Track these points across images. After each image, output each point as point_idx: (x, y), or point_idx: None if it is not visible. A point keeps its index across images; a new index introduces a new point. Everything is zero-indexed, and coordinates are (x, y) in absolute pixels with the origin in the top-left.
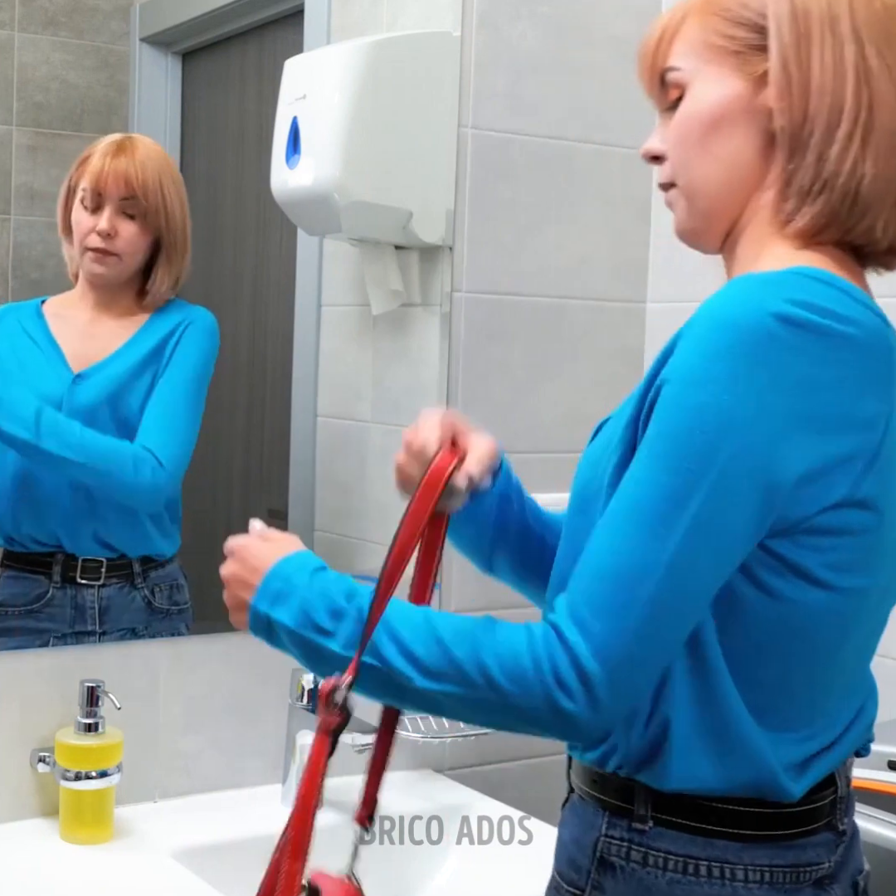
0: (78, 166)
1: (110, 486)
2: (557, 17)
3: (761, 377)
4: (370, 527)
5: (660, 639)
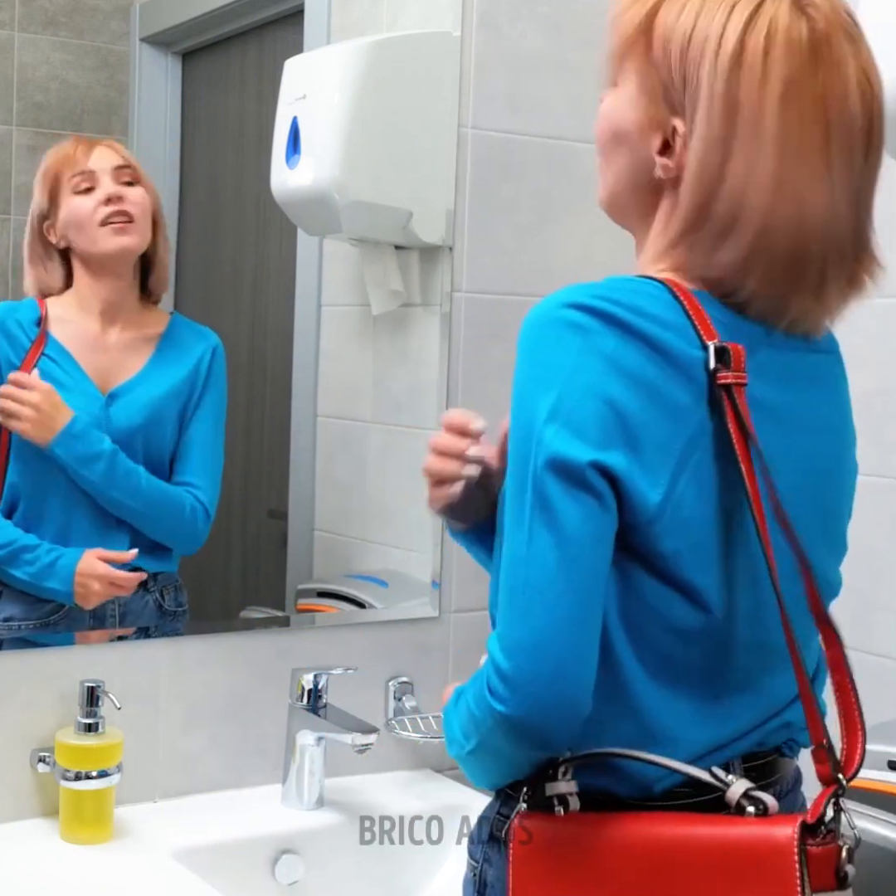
0: (48, 178)
1: (164, 533)
2: (557, 16)
3: (543, 352)
4: (370, 527)
5: (548, 617)
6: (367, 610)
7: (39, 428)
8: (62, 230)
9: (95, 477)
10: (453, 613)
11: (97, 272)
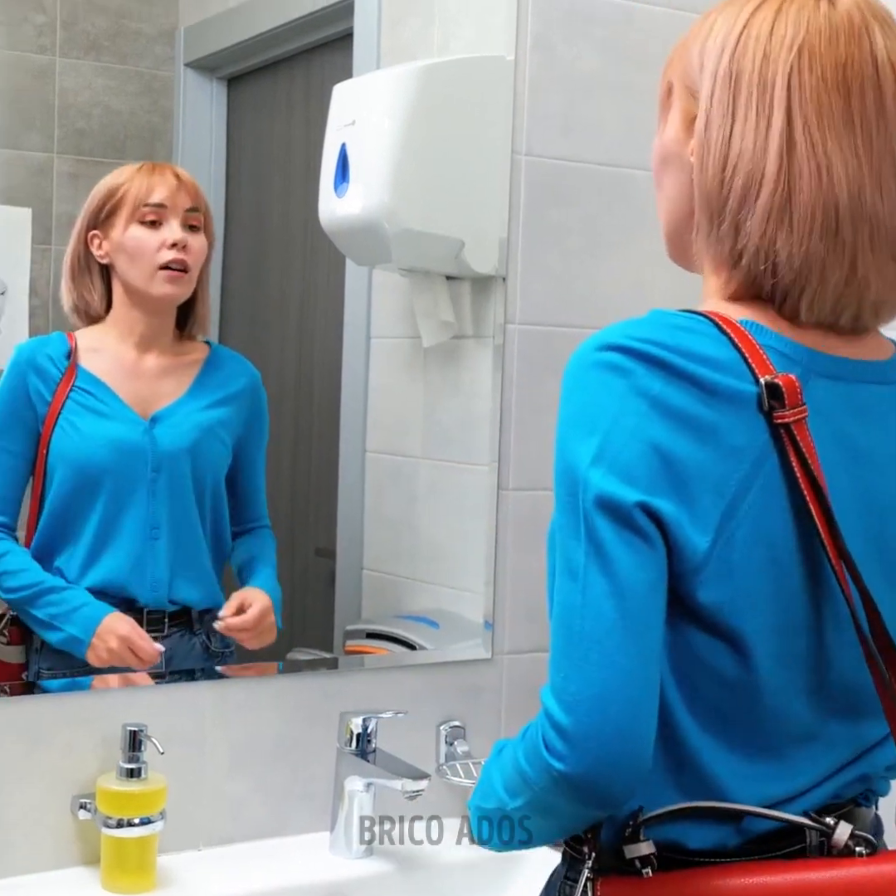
0: (108, 195)
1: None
2: (613, 38)
3: (585, 396)
4: (421, 565)
5: (608, 669)
6: (418, 651)
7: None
8: (111, 250)
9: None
10: (506, 655)
11: (137, 304)
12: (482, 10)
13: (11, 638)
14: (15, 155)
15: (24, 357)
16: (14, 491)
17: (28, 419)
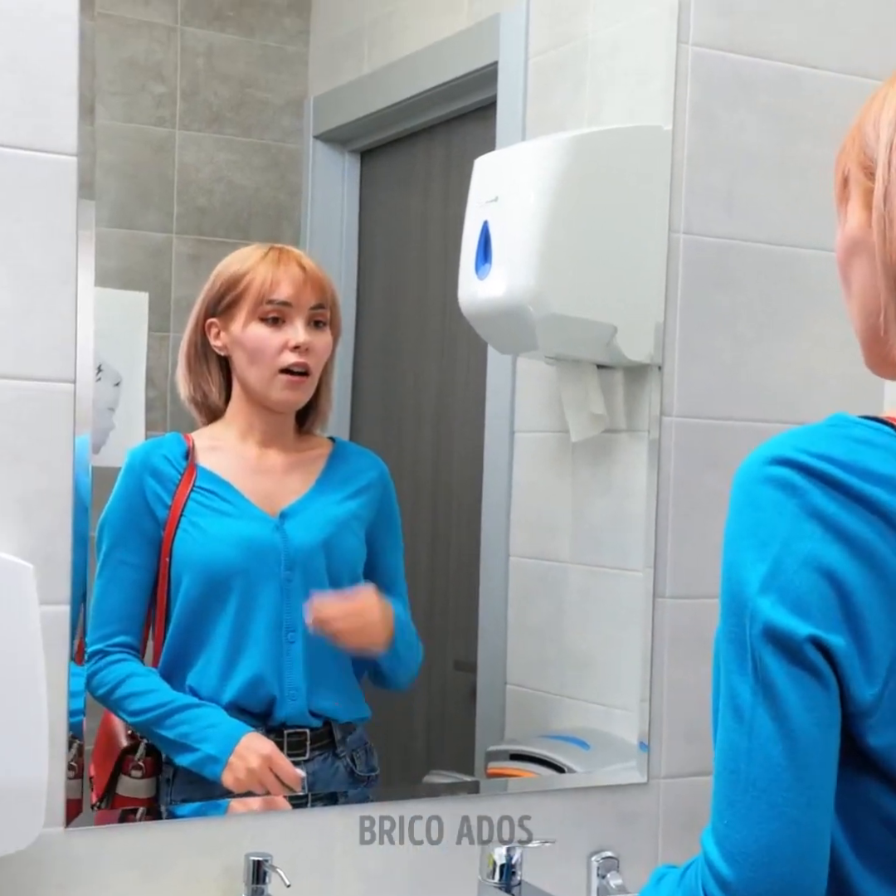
0: (229, 283)
1: (402, 653)
2: (780, 106)
3: (754, 514)
4: (569, 680)
5: (776, 820)
6: (566, 775)
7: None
8: (229, 343)
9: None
10: (663, 779)
11: (256, 403)
12: (637, 76)
13: (146, 770)
14: (131, 235)
15: (138, 460)
16: (137, 606)
17: (147, 527)
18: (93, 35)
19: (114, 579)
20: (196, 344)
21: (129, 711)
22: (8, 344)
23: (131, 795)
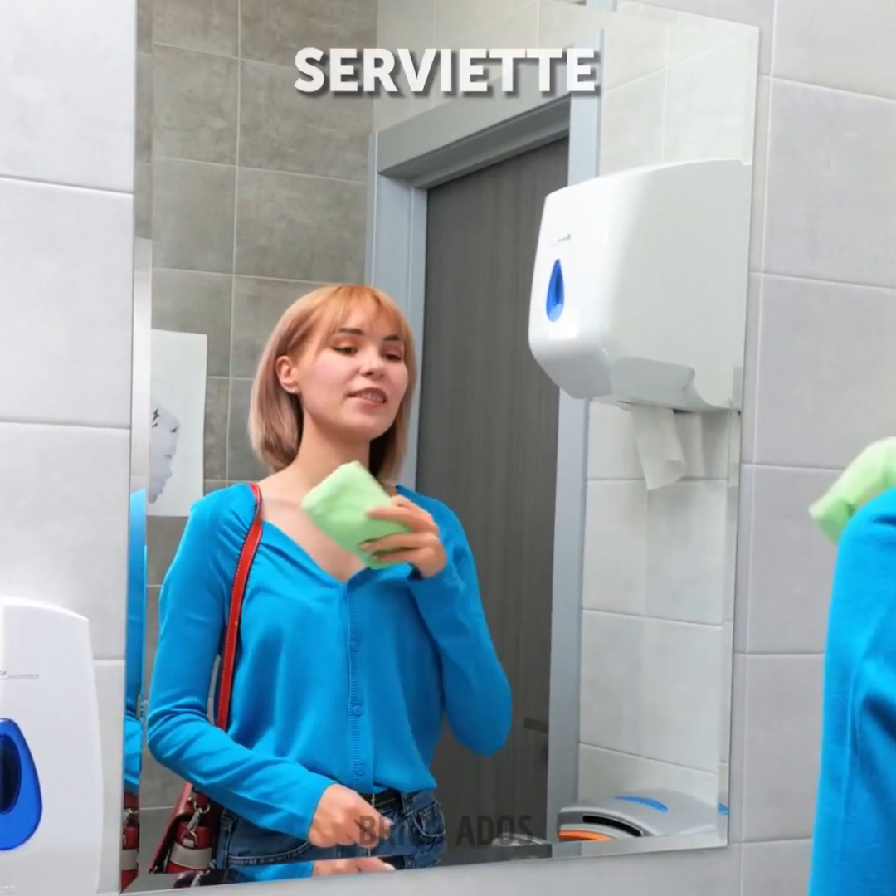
0: (300, 318)
1: (489, 715)
2: (867, 141)
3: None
4: (645, 739)
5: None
6: (643, 838)
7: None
8: (300, 378)
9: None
10: (744, 843)
11: (328, 436)
12: (716, 110)
13: (199, 840)
14: (189, 275)
15: (206, 515)
16: (203, 667)
17: (215, 585)
18: (150, 69)
19: (180, 639)
20: (267, 385)
21: (203, 773)
22: (62, 388)
23: (184, 865)
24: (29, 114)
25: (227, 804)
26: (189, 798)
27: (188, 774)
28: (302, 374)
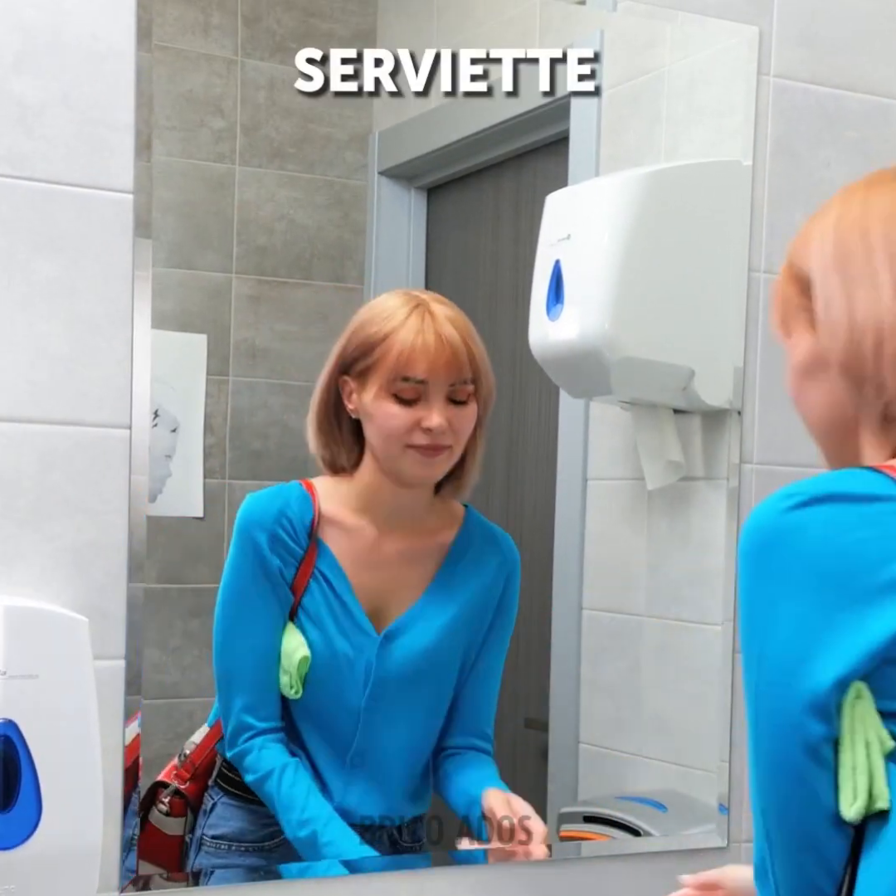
0: (365, 346)
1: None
2: (868, 141)
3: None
4: (645, 740)
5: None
6: (643, 838)
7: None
8: (360, 408)
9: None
10: (744, 843)
11: (387, 474)
12: (716, 110)
13: (172, 809)
14: (189, 275)
15: (254, 523)
16: (274, 673)
17: (282, 598)
18: (150, 69)
19: (247, 650)
20: (328, 401)
21: (276, 810)
22: (61, 388)
23: (158, 827)
24: (29, 114)
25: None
26: (175, 766)
27: (263, 801)
28: (362, 407)
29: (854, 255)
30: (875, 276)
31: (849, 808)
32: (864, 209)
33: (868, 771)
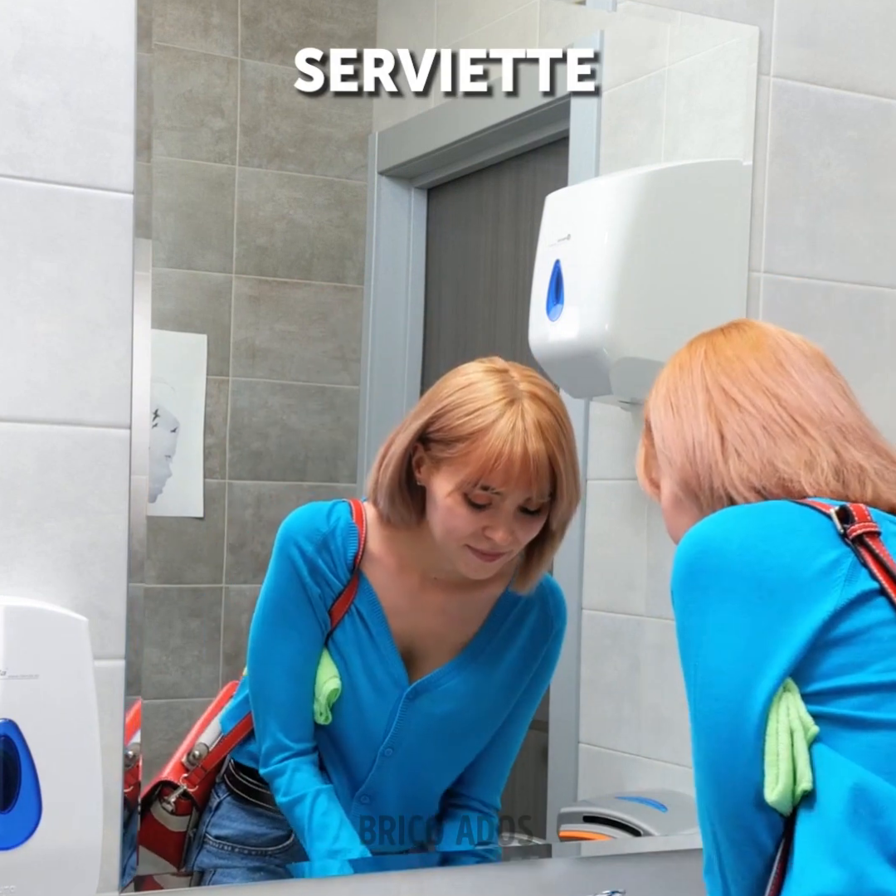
0: (452, 435)
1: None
2: (867, 141)
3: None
4: (645, 739)
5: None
6: (643, 838)
7: None
8: (427, 484)
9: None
10: None
11: (443, 552)
12: (716, 110)
13: (177, 808)
14: (189, 275)
15: (303, 551)
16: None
17: (321, 621)
18: (149, 69)
19: (285, 670)
20: (402, 464)
21: (301, 833)
22: (62, 388)
23: (161, 822)
24: (29, 114)
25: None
26: (184, 766)
27: (292, 824)
28: (430, 487)
29: (677, 390)
30: (695, 401)
31: (771, 791)
32: (689, 355)
33: (790, 757)
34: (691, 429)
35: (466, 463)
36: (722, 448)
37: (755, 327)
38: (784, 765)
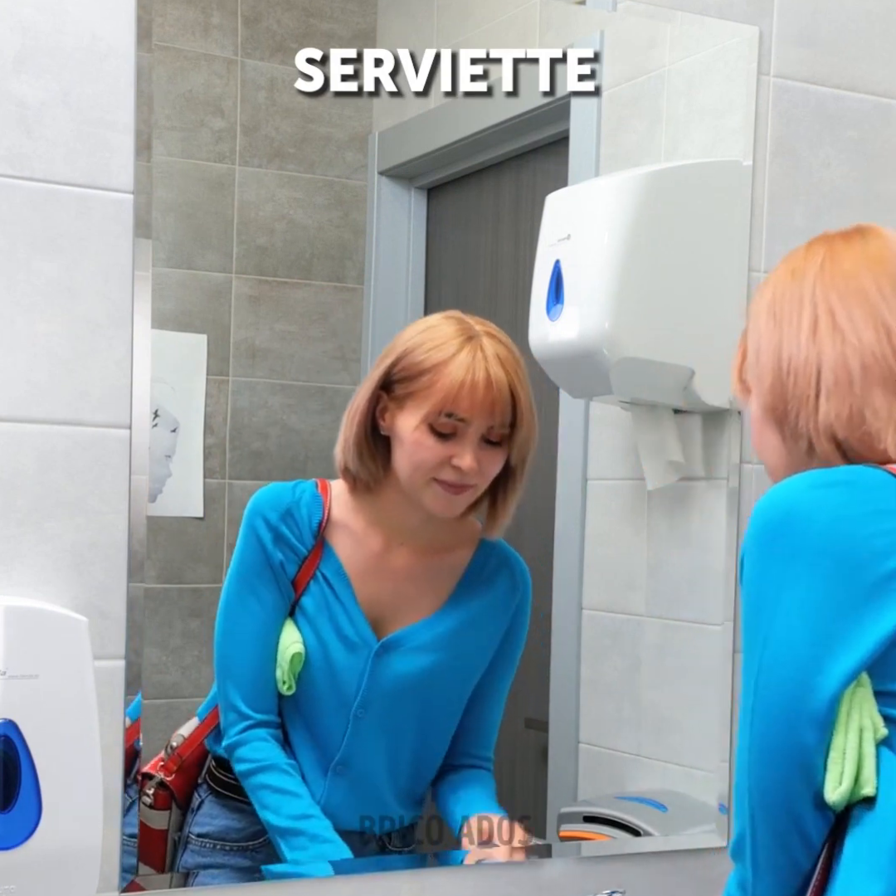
0: (414, 371)
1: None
2: (868, 141)
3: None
4: (645, 739)
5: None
6: (643, 838)
7: None
8: (392, 430)
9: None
10: None
11: (410, 501)
12: (716, 110)
13: (156, 801)
14: (189, 275)
15: (267, 519)
16: (272, 665)
17: (284, 590)
18: (150, 69)
19: (246, 639)
20: (366, 415)
21: (262, 804)
22: (62, 388)
23: (145, 821)
24: (29, 114)
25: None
26: (161, 759)
27: (250, 796)
28: (395, 429)
29: (784, 298)
30: (800, 318)
31: (833, 791)
32: (805, 261)
33: (857, 758)
34: (790, 348)
35: (431, 394)
36: (817, 382)
37: (880, 236)
38: (850, 766)
